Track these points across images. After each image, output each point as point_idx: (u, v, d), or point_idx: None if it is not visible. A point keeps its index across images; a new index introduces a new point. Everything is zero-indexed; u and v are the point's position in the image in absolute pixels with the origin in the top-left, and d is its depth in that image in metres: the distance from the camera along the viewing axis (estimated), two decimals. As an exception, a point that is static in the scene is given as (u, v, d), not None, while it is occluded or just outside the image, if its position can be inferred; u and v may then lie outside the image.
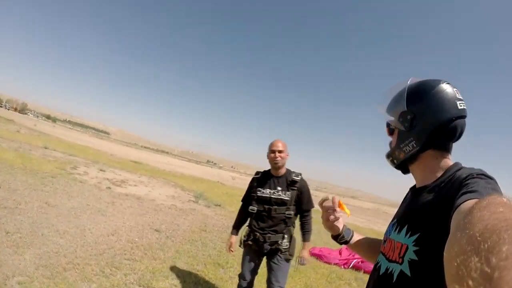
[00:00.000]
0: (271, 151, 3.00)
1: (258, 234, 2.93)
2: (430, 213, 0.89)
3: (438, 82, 1.00)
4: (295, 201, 2.98)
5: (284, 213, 2.93)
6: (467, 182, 0.80)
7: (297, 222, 3.14)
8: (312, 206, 3.08)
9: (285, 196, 2.93)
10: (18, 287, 2.97)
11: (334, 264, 6.54)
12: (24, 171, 8.23)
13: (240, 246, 3.14)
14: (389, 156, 1.15)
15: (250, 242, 3.00)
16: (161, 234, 5.94)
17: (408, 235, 0.93)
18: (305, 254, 3.07)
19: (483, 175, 0.82)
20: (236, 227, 3.22)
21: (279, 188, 2.96)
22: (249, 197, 3.13)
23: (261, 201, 2.97)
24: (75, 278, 3.38)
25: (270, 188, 2.98)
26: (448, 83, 0.99)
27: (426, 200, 0.94)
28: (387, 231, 1.12)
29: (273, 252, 2.94)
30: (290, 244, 2.97)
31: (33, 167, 9.14)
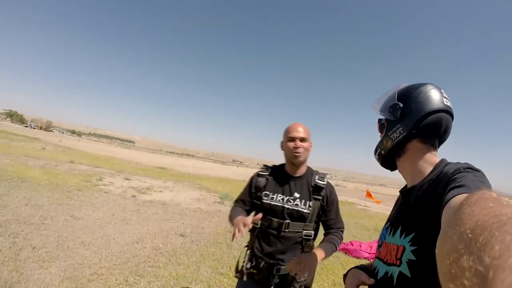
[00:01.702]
0: (289, 138, 1.97)
1: (263, 262, 1.94)
2: (422, 211, 0.91)
3: (427, 83, 1.08)
4: (317, 216, 1.99)
5: (300, 232, 1.94)
6: (454, 176, 0.81)
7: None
8: (343, 225, 2.10)
9: (305, 207, 1.93)
10: (43, 301, 3.02)
11: (364, 258, 6.28)
12: (50, 187, 8.45)
13: (236, 275, 2.06)
14: (377, 148, 1.20)
15: (253, 270, 1.97)
16: (185, 239, 5.95)
17: (403, 236, 0.94)
18: (311, 260, 1.70)
19: (470, 169, 0.84)
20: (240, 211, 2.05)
21: (296, 195, 1.96)
22: (249, 202, 2.10)
23: (269, 212, 1.95)
24: (99, 288, 3.41)
25: (283, 194, 1.97)
26: (435, 85, 1.07)
27: (417, 199, 0.96)
28: (381, 235, 1.14)
29: (284, 287, 1.92)
30: (308, 279, 1.97)
31: (58, 182, 9.38)
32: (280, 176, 2.05)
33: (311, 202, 1.94)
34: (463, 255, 0.34)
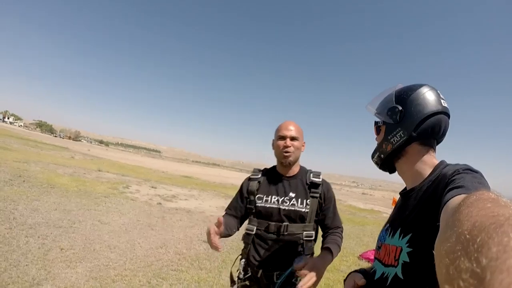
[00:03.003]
0: (279, 136, 1.89)
1: (259, 271, 1.79)
2: (420, 212, 0.91)
3: (423, 84, 1.07)
4: (316, 215, 1.87)
5: (300, 234, 1.81)
6: (453, 178, 0.82)
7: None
8: (341, 223, 1.96)
9: (302, 206, 1.83)
10: (69, 299, 3.10)
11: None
12: (78, 193, 8.69)
13: (232, 286, 1.92)
14: (376, 152, 1.18)
15: (247, 283, 1.84)
16: (208, 245, 5.95)
17: (401, 237, 0.94)
18: (316, 264, 1.48)
19: (468, 170, 0.84)
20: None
21: (292, 195, 1.86)
22: (242, 209, 1.97)
23: (264, 216, 1.84)
24: (123, 289, 3.46)
25: (277, 195, 1.87)
26: (432, 86, 1.07)
27: (416, 200, 0.97)
28: (380, 237, 1.13)
29: None
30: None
31: (87, 189, 9.65)
32: (272, 177, 1.96)
33: (308, 200, 1.84)
34: (460, 256, 0.34)
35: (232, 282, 1.91)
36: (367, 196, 54.22)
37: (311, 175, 1.92)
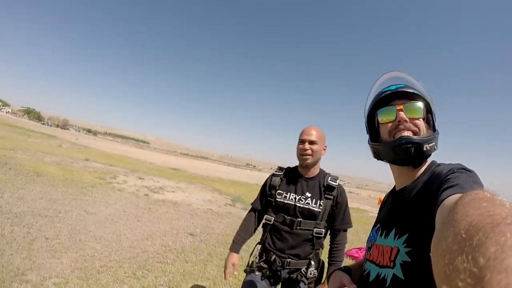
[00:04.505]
0: (300, 140, 2.12)
1: (274, 256, 2.09)
2: (415, 212, 0.90)
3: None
4: (328, 215, 2.11)
5: (311, 230, 2.06)
6: (448, 177, 0.81)
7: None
8: (350, 226, 2.19)
9: (315, 206, 2.06)
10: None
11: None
12: (65, 183, 8.62)
13: (246, 271, 2.22)
14: (428, 141, 1.02)
15: (263, 265, 2.14)
16: (195, 238, 6.01)
17: (397, 237, 0.92)
18: None
19: (463, 169, 0.83)
20: (239, 241, 2.27)
21: (308, 194, 2.10)
22: (263, 202, 2.30)
23: (282, 209, 2.13)
24: (108, 280, 3.47)
25: (295, 193, 2.12)
26: None
27: (409, 200, 0.95)
28: (370, 237, 1.12)
29: (293, 283, 2.08)
30: (318, 273, 2.12)
31: (73, 178, 9.57)
32: (293, 176, 2.21)
33: (322, 201, 2.07)
34: (457, 256, 0.34)
35: (248, 268, 2.21)
36: (353, 194, 54.69)
37: (329, 178, 2.15)
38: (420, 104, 1.02)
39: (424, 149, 0.96)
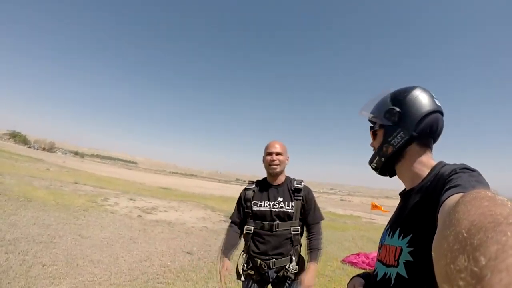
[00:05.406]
0: (267, 153, 2.44)
1: (259, 260, 2.29)
2: (419, 213, 0.92)
3: (416, 86, 1.11)
4: (300, 214, 2.40)
5: (289, 229, 2.33)
6: (450, 177, 0.82)
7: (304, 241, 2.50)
8: (322, 218, 2.51)
9: (289, 207, 2.35)
10: (56, 316, 3.03)
11: (369, 269, 6.30)
12: (56, 207, 8.47)
13: (239, 278, 2.43)
14: (375, 156, 1.18)
15: (250, 272, 2.35)
16: (193, 256, 5.95)
17: (401, 237, 0.95)
18: (308, 278, 2.20)
19: (465, 169, 0.84)
20: (227, 250, 2.42)
21: (280, 199, 2.38)
22: (241, 214, 2.51)
23: (259, 217, 2.37)
24: (110, 304, 3.41)
25: (268, 200, 2.39)
26: (424, 87, 1.10)
27: (415, 201, 0.97)
28: (381, 238, 1.15)
29: (281, 280, 2.33)
30: (299, 267, 2.36)
31: (65, 202, 9.41)
32: (264, 186, 2.49)
33: (293, 203, 2.36)
34: (458, 255, 0.34)
35: (238, 275, 2.43)
36: (345, 202, 54.97)
37: (295, 182, 2.46)
38: (373, 125, 1.20)
39: (373, 167, 1.19)
